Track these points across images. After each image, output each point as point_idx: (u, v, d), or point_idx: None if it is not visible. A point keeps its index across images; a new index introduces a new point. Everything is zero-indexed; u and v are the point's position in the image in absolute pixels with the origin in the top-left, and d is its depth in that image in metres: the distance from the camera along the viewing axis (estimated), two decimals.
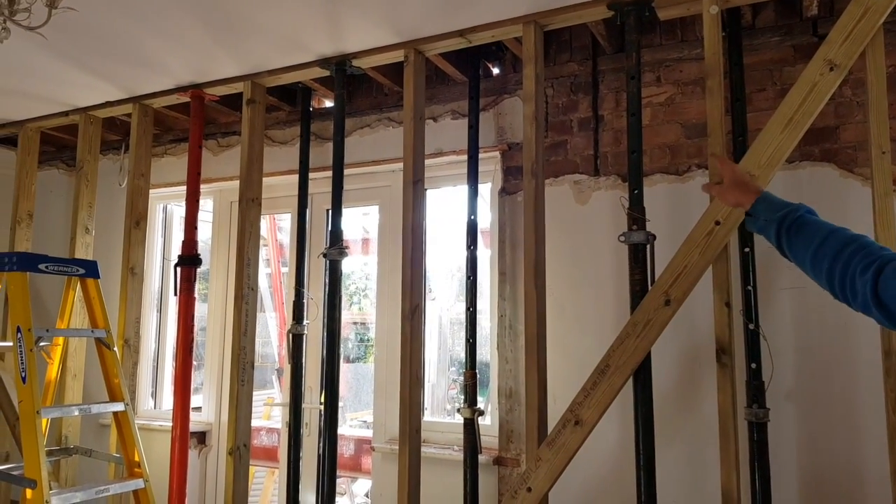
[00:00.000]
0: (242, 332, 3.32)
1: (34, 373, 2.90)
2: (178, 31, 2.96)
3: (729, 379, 2.35)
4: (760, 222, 1.52)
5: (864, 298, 1.24)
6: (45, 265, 3.14)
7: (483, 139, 3.31)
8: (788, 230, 1.44)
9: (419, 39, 3.01)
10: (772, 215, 1.49)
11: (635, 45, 2.65)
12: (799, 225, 1.43)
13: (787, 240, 1.44)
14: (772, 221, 1.48)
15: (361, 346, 7.87)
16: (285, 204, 4.04)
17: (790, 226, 1.44)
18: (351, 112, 3.71)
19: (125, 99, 3.80)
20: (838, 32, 2.25)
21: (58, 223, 4.65)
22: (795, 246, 1.42)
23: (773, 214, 1.48)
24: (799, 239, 1.42)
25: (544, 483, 2.49)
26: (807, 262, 1.39)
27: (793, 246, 1.43)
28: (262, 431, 5.20)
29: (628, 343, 2.41)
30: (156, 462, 3.77)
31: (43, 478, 2.77)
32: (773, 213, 1.49)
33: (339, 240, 3.25)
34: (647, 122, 3.01)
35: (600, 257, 3.07)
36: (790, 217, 1.45)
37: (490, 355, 3.38)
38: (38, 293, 4.43)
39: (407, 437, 2.87)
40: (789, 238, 1.44)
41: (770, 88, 2.86)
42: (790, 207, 1.47)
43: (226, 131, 4.22)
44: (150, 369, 4.41)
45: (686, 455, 2.83)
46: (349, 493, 5.78)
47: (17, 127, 4.23)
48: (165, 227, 4.60)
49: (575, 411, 2.45)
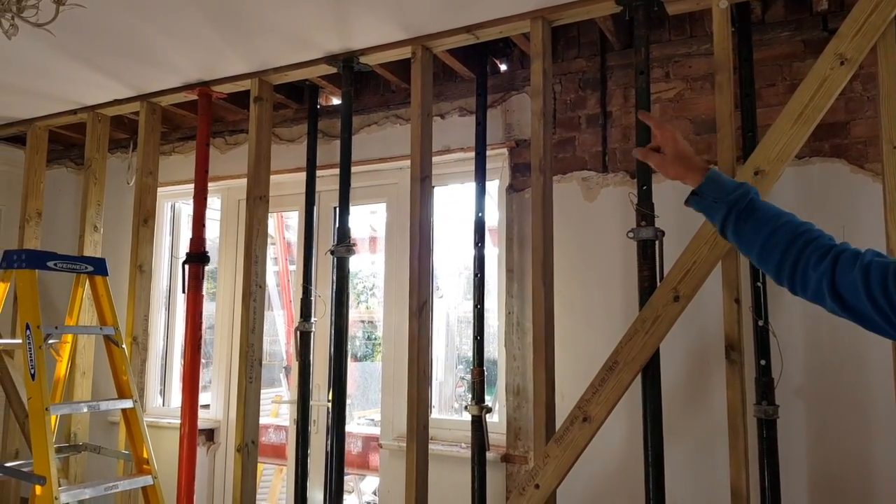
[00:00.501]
0: (250, 330, 3.33)
1: (43, 370, 2.91)
2: (185, 28, 2.96)
3: (738, 376, 2.34)
4: (708, 202, 1.45)
5: (818, 289, 1.27)
6: (54, 263, 3.15)
7: (491, 136, 3.31)
8: (739, 214, 1.40)
9: (426, 36, 3.00)
10: (723, 196, 1.43)
11: (644, 40, 2.63)
12: (750, 210, 1.40)
13: (735, 224, 1.40)
14: (722, 203, 1.42)
15: (369, 344, 7.87)
16: (293, 202, 4.05)
17: (742, 210, 1.40)
18: (358, 109, 3.71)
19: (133, 97, 3.81)
20: (849, 26, 2.23)
21: (66, 221, 4.66)
22: (744, 232, 1.39)
23: (724, 196, 1.43)
24: (749, 225, 1.38)
25: (552, 480, 2.48)
26: (755, 248, 1.38)
27: (741, 231, 1.40)
28: (270, 429, 5.22)
29: (637, 339, 2.40)
30: (164, 459, 3.78)
31: (52, 474, 2.78)
32: (725, 194, 1.43)
33: (347, 237, 3.25)
34: None
35: (609, 254, 3.05)
36: (743, 201, 1.41)
37: (498, 353, 3.38)
38: (47, 291, 4.44)
39: (414, 434, 2.87)
40: (738, 222, 1.40)
41: (780, 84, 2.84)
42: (741, 189, 1.43)
43: (233, 129, 4.23)
44: (158, 367, 4.43)
45: (695, 452, 2.82)
46: (357, 490, 5.79)
47: (25, 125, 4.24)
48: (174, 225, 4.61)
49: (583, 408, 2.44)
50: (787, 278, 1.33)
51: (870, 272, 1.19)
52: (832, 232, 1.33)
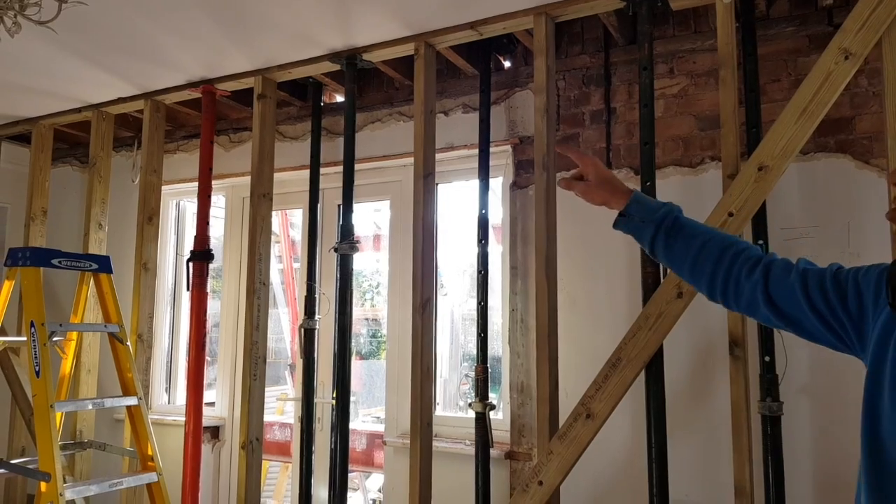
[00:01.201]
0: (254, 327, 3.33)
1: (48, 367, 2.92)
2: (189, 26, 2.96)
3: (742, 372, 2.33)
4: (635, 222, 1.46)
5: (752, 298, 1.30)
6: (59, 260, 3.16)
7: (494, 133, 3.30)
8: (668, 232, 1.42)
9: (429, 32, 3.00)
10: (649, 216, 1.44)
11: (647, 36, 2.62)
12: (678, 226, 1.42)
13: (664, 242, 1.42)
14: (649, 223, 1.44)
15: (374, 342, 7.87)
16: (297, 199, 4.05)
17: (669, 228, 1.42)
18: (362, 107, 3.70)
19: (137, 95, 3.82)
20: (854, 20, 2.22)
21: (71, 220, 4.68)
22: (673, 248, 1.41)
23: (650, 215, 1.44)
24: (678, 241, 1.41)
25: (556, 476, 2.48)
26: (685, 264, 1.41)
27: (670, 248, 1.42)
28: (275, 426, 5.23)
29: (640, 336, 2.39)
30: (170, 456, 3.79)
31: (57, 471, 2.79)
32: (651, 213, 1.45)
33: (351, 234, 3.25)
34: (659, 114, 2.98)
35: (612, 251, 3.05)
36: (669, 218, 1.43)
37: (502, 350, 3.37)
38: (52, 289, 4.46)
39: (418, 431, 2.87)
40: (667, 240, 1.42)
41: (785, 79, 2.83)
42: (666, 208, 1.45)
43: (237, 127, 4.23)
44: (163, 365, 4.44)
45: (698, 449, 2.81)
46: (362, 487, 5.79)
47: (30, 124, 4.25)
48: (178, 223, 4.62)
49: (586, 405, 2.44)
50: (721, 291, 1.35)
51: (807, 276, 1.24)
52: (837, 228, 1.33)
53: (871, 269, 1.18)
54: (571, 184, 1.54)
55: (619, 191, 1.49)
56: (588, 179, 1.52)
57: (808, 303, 1.22)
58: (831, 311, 1.20)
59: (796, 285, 1.24)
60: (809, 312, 1.22)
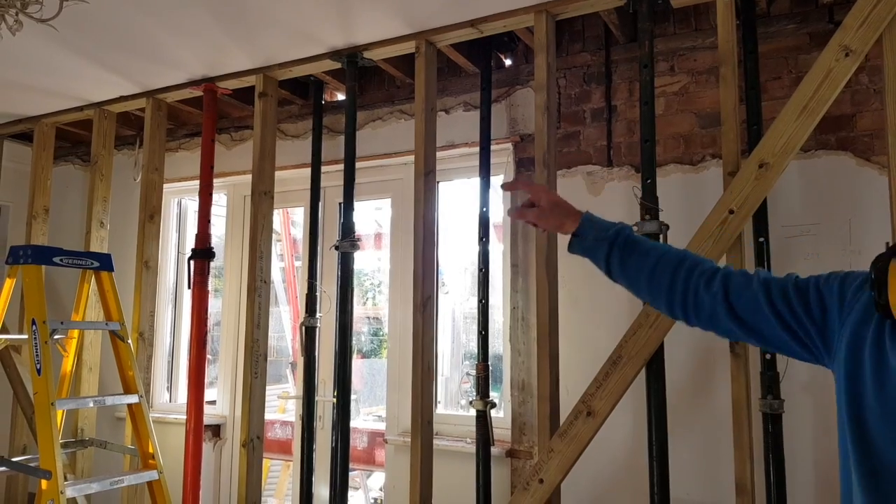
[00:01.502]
0: (255, 325, 3.34)
1: (49, 365, 2.92)
2: (190, 24, 2.97)
3: (743, 369, 2.33)
4: (589, 242, 1.47)
5: (713, 311, 1.30)
6: (60, 258, 3.17)
7: (495, 131, 3.30)
8: (622, 249, 1.43)
9: (430, 30, 3.00)
10: (602, 234, 1.45)
11: (648, 33, 2.62)
12: (631, 243, 1.43)
13: (619, 259, 1.43)
14: (602, 241, 1.45)
15: (376, 340, 7.87)
16: (298, 198, 4.05)
17: (623, 245, 1.43)
18: (363, 105, 3.70)
19: (139, 93, 3.82)
20: (854, 17, 2.21)
21: (73, 218, 4.68)
22: (628, 265, 1.42)
23: (603, 233, 1.45)
24: (632, 258, 1.42)
25: (556, 474, 2.48)
26: (642, 280, 1.41)
27: (626, 265, 1.43)
28: (276, 424, 5.23)
29: (641, 333, 2.39)
30: (171, 454, 3.79)
31: (58, 468, 2.79)
32: (603, 231, 1.46)
33: (351, 232, 3.25)
34: (660, 112, 2.98)
35: None
36: (622, 235, 1.44)
37: (503, 348, 3.38)
38: (53, 287, 4.47)
39: (419, 429, 2.87)
40: (622, 257, 1.43)
41: (785, 77, 2.82)
42: (618, 226, 1.46)
43: (239, 125, 4.24)
44: (165, 363, 4.45)
45: (699, 446, 2.81)
46: (364, 486, 5.79)
47: (32, 122, 4.26)
48: (180, 221, 4.63)
49: (587, 402, 2.44)
50: (680, 304, 1.36)
51: (770, 285, 1.25)
52: (838, 225, 1.32)
53: (831, 277, 1.20)
54: (524, 212, 1.56)
55: (571, 213, 1.51)
56: (540, 205, 1.53)
57: (773, 310, 1.22)
58: (795, 319, 1.20)
59: (759, 294, 1.25)
60: (774, 320, 1.22)
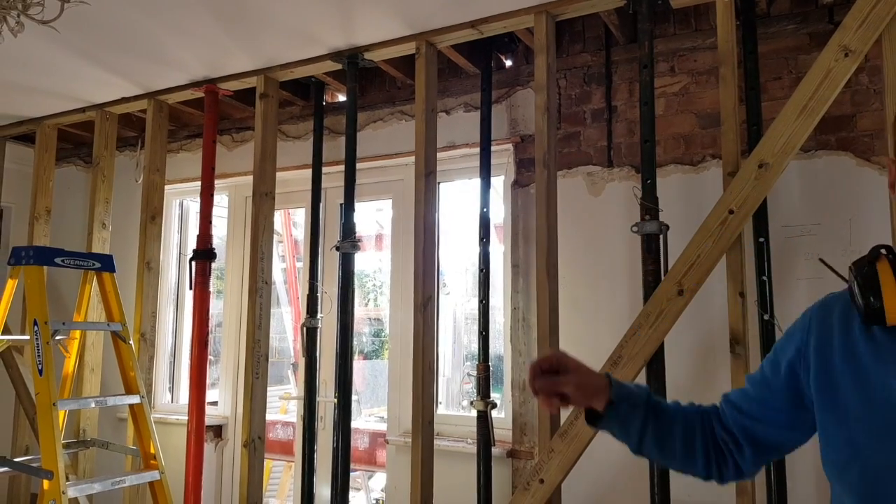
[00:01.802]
0: (257, 326, 3.34)
1: (51, 365, 2.93)
2: (191, 25, 2.97)
3: (743, 370, 2.33)
4: (623, 410, 1.24)
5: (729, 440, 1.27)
6: (62, 259, 3.18)
7: (496, 131, 3.30)
8: (656, 415, 1.25)
9: (431, 31, 3.00)
10: (636, 400, 1.25)
11: (648, 34, 2.62)
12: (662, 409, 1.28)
13: (654, 426, 1.24)
14: (638, 407, 1.24)
15: (377, 341, 7.87)
16: (299, 199, 4.06)
17: (654, 408, 1.26)
18: (364, 106, 3.71)
19: (140, 95, 3.83)
20: (853, 17, 2.21)
21: (75, 219, 4.69)
22: (662, 432, 1.25)
23: (636, 399, 1.25)
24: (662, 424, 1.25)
25: (557, 474, 2.48)
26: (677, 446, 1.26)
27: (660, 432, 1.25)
28: (278, 425, 5.24)
29: (641, 334, 2.39)
30: (173, 455, 3.80)
31: (59, 469, 2.80)
32: (636, 397, 1.25)
33: (352, 233, 3.25)
34: (660, 113, 2.98)
35: (614, 249, 3.05)
36: (652, 399, 1.27)
37: (503, 348, 3.38)
38: (56, 288, 4.47)
39: (419, 429, 2.87)
40: (657, 423, 1.25)
41: (785, 77, 2.82)
42: (643, 388, 1.29)
43: (240, 126, 4.25)
44: (166, 363, 4.45)
45: None
46: (365, 487, 5.79)
47: (34, 124, 4.27)
48: (182, 222, 4.64)
49: None
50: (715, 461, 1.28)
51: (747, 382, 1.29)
52: (838, 226, 1.31)
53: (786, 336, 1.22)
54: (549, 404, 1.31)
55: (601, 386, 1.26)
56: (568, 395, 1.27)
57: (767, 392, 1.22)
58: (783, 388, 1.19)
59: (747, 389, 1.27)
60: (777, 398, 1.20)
